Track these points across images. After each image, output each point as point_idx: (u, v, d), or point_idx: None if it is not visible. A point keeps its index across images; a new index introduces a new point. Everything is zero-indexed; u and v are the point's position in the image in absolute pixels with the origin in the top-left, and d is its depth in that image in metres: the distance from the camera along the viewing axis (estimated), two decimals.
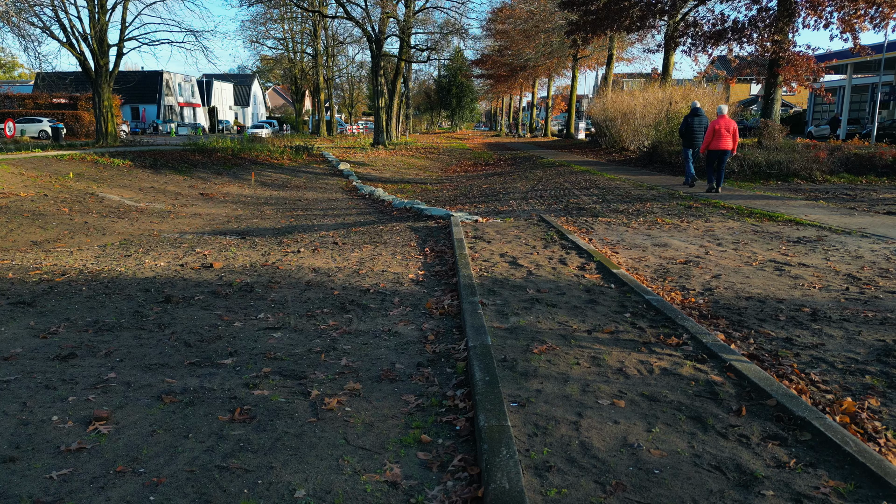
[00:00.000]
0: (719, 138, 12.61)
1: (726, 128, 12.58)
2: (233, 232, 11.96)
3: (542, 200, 13.08)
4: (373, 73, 30.29)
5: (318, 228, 11.52)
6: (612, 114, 26.63)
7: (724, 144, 12.60)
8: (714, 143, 12.69)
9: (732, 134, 12.60)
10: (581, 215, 10.65)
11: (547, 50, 39.63)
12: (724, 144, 12.60)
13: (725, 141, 12.57)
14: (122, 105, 53.45)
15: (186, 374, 3.69)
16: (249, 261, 7.02)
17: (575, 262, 6.50)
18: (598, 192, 13.67)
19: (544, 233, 8.46)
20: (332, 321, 4.70)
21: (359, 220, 12.48)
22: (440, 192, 18.21)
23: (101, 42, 28.58)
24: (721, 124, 12.61)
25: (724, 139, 12.58)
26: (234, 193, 18.01)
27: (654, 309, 4.77)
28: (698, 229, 9.01)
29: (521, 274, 6.01)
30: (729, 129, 12.59)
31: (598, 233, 8.82)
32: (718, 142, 12.62)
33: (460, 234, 8.32)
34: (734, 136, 12.64)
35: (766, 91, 19.46)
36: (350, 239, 8.76)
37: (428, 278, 6.17)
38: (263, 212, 14.95)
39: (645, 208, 11.21)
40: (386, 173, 24.14)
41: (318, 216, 13.90)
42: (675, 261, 6.91)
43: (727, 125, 12.61)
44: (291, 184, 20.36)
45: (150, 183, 17.72)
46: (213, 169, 21.14)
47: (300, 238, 9.23)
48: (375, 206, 15.23)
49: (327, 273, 6.34)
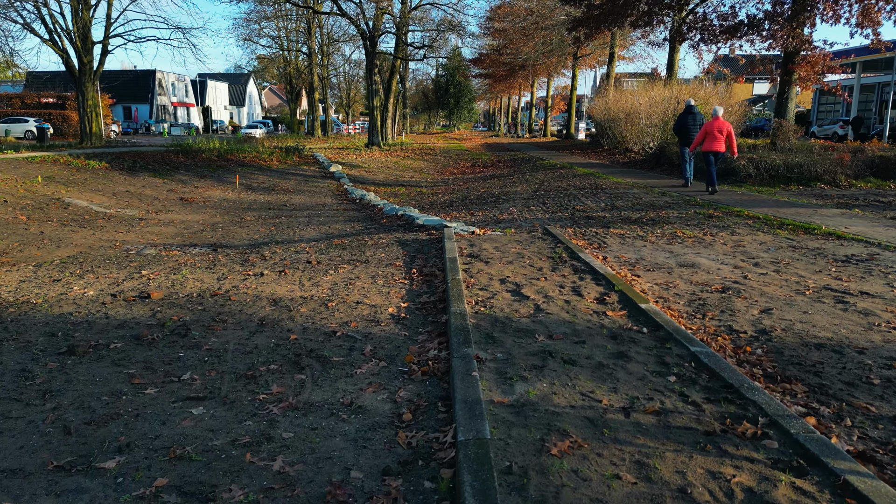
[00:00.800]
0: (712, 140, 12.22)
1: (719, 129, 12.18)
2: (204, 244, 10.75)
3: (545, 207, 11.87)
4: (367, 72, 29.04)
5: (296, 241, 10.31)
6: (614, 113, 25.44)
7: (716, 146, 12.22)
8: (706, 145, 12.32)
9: (727, 136, 12.23)
10: (590, 226, 9.44)
11: (546, 49, 38.42)
12: (716, 146, 12.22)
13: (719, 142, 12.19)
14: (114, 105, 52.22)
15: (41, 491, 2.48)
16: (199, 287, 5.81)
17: (592, 292, 5.29)
18: (606, 198, 12.46)
19: (551, 249, 7.25)
20: (276, 386, 3.49)
21: (343, 230, 11.27)
22: (435, 197, 17.00)
23: (85, 39, 27.32)
24: (715, 126, 12.18)
25: (717, 141, 12.19)
26: (216, 198, 16.79)
27: (706, 368, 3.57)
28: (726, 244, 7.80)
29: (527, 310, 4.80)
30: (723, 130, 12.19)
31: (612, 248, 7.61)
32: (711, 143, 12.24)
33: (454, 250, 7.12)
34: (729, 137, 12.27)
35: (779, 89, 18.27)
36: (327, 255, 7.56)
37: (412, 313, 4.96)
38: (243, 219, 13.74)
39: (660, 217, 10.01)
40: (380, 175, 22.93)
41: (302, 224, 12.70)
42: (710, 287, 5.71)
43: (721, 127, 12.18)
44: (278, 187, 19.14)
45: (125, 187, 16.49)
46: (196, 171, 19.90)
47: (271, 254, 8.02)
48: (365, 212, 14.04)
49: (289, 306, 5.13)
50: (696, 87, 21.08)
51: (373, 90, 28.77)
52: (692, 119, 13.66)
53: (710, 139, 12.26)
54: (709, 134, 12.26)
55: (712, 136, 12.23)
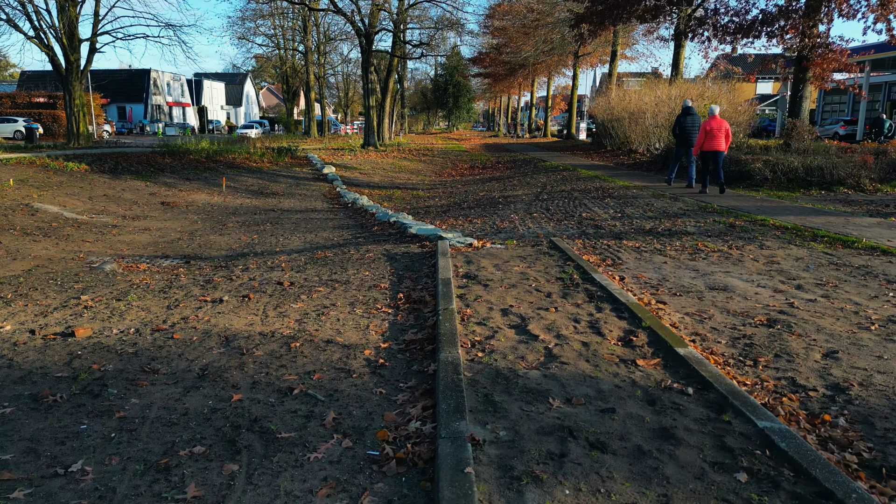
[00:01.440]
0: (712, 139, 12.03)
1: (718, 128, 12.02)
2: (177, 255, 9.78)
3: (549, 214, 10.89)
4: (363, 70, 28.04)
5: (276, 252, 9.33)
6: (618, 113, 24.47)
7: (717, 145, 12.06)
8: (707, 145, 12.15)
9: (725, 134, 12.07)
10: (600, 237, 8.46)
11: (547, 47, 37.45)
12: (717, 145, 12.06)
13: (718, 141, 12.02)
14: (108, 105, 51.23)
15: None
16: (141, 320, 4.83)
17: (614, 329, 4.31)
18: (615, 205, 11.49)
19: (560, 268, 6.27)
20: (195, 487, 2.51)
21: (330, 239, 10.29)
22: (432, 201, 16.02)
23: (72, 36, 26.33)
24: (714, 125, 12.02)
25: (717, 140, 12.02)
26: (201, 202, 15.81)
27: (787, 460, 2.59)
28: (757, 260, 6.83)
29: (536, 356, 3.82)
30: (721, 129, 12.02)
31: (629, 265, 6.64)
32: (711, 142, 12.06)
33: (448, 269, 6.13)
34: (727, 136, 12.13)
35: (793, 88, 17.30)
36: (304, 274, 6.58)
37: (393, 357, 3.99)
38: (226, 225, 12.76)
39: (676, 227, 9.03)
40: (375, 177, 21.94)
41: (288, 231, 11.72)
42: (753, 319, 4.73)
43: (720, 126, 12.02)
44: (268, 190, 18.16)
45: (104, 190, 15.50)
46: (181, 174, 18.91)
47: (242, 270, 7.05)
48: (356, 218, 13.07)
49: (242, 348, 4.15)
50: (704, 86, 20.11)
51: (369, 89, 27.77)
52: (690, 121, 13.26)
53: (711, 139, 12.00)
54: (709, 133, 12.00)
55: (712, 136, 11.98)
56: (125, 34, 27.65)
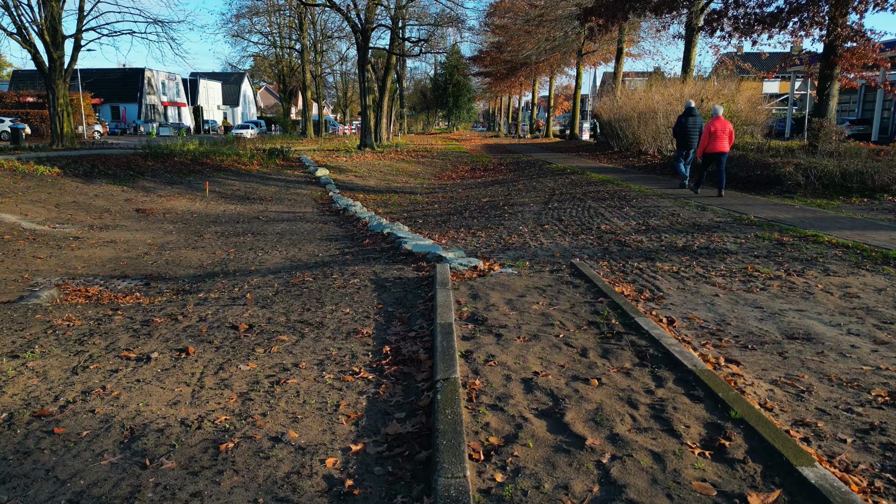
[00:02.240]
0: (716, 140, 11.57)
1: (722, 129, 11.53)
2: (137, 275, 8.44)
3: (563, 226, 9.55)
4: (359, 68, 26.65)
5: (250, 272, 7.99)
6: (626, 113, 23.13)
7: (720, 146, 11.59)
8: (711, 146, 11.66)
9: (728, 135, 11.60)
10: (628, 257, 7.12)
11: (549, 45, 36.10)
12: (720, 146, 11.59)
13: (722, 143, 11.56)
14: (102, 104, 49.89)
15: None
16: (26, 396, 3.47)
17: (692, 424, 2.95)
18: (636, 214, 10.14)
19: (590, 306, 4.92)
20: None
21: (314, 256, 8.93)
22: (431, 207, 14.68)
23: (55, 33, 24.98)
24: (717, 126, 11.52)
25: (720, 141, 11.56)
26: (180, 209, 14.45)
27: None
28: (831, 292, 5.48)
29: (587, 486, 2.47)
30: (725, 130, 11.54)
31: (674, 300, 5.29)
32: (715, 144, 11.58)
33: (449, 309, 4.78)
34: (730, 137, 11.66)
35: (819, 85, 15.96)
36: (269, 311, 5.23)
37: (368, 474, 2.64)
38: (203, 236, 11.41)
39: (714, 243, 7.69)
40: (371, 180, 20.59)
41: (269, 244, 10.38)
42: (870, 393, 3.39)
43: (723, 126, 11.53)
44: (255, 194, 16.80)
45: (74, 196, 14.15)
46: (163, 177, 17.56)
47: (197, 303, 5.70)
48: (347, 227, 11.74)
49: (143, 454, 2.79)
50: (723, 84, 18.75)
51: (365, 88, 26.39)
52: (692, 122, 12.83)
53: (714, 140, 11.57)
54: (713, 134, 11.57)
55: (716, 137, 11.54)
56: (111, 30, 26.32)
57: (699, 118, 12.86)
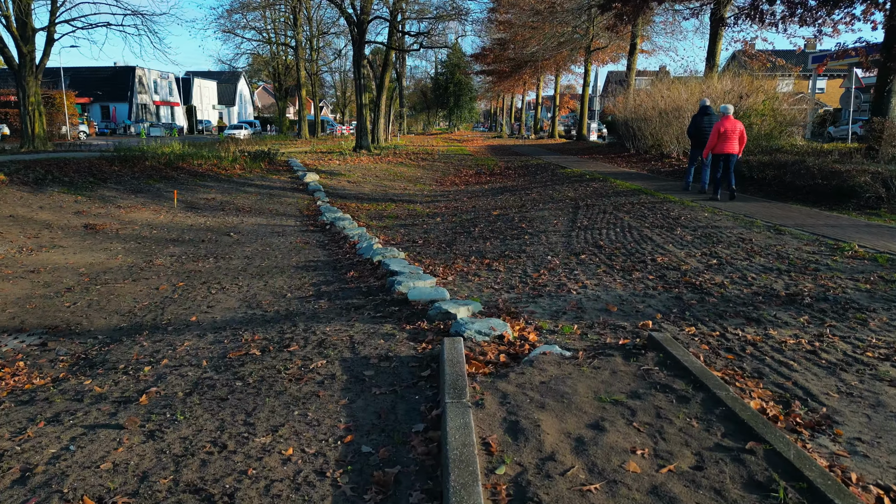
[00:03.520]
0: (725, 141, 10.69)
1: (733, 129, 10.67)
2: (39, 327, 6.22)
3: (606, 256, 7.28)
4: (354, 64, 24.34)
5: (183, 329, 5.71)
6: (645, 112, 20.84)
7: (730, 148, 10.73)
8: (720, 147, 10.76)
9: (739, 136, 10.74)
10: (719, 315, 4.84)
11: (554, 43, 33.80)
12: (730, 148, 10.73)
13: (732, 144, 10.71)
14: (91, 104, 47.58)
15: None
16: None
17: None
18: (694, 239, 7.86)
19: (728, 456, 2.63)
20: None
21: (278, 297, 6.65)
22: (432, 221, 12.40)
23: (24, 25, 22.71)
24: (727, 126, 10.65)
25: (730, 142, 10.69)
26: (141, 222, 12.17)
27: None
28: None
29: None
30: (736, 130, 10.68)
31: (848, 422, 3.02)
32: (724, 145, 10.71)
33: (471, 476, 2.50)
34: (741, 138, 10.79)
35: (879, 80, 13.68)
36: (155, 448, 2.96)
37: None
38: (154, 261, 9.15)
39: (828, 290, 5.40)
40: (365, 187, 18.31)
41: (231, 274, 8.12)
42: None
43: (734, 127, 10.66)
44: (232, 204, 14.52)
45: (13, 209, 11.87)
46: (129, 184, 15.27)
47: (53, 424, 3.46)
48: (330, 250, 9.50)
49: None
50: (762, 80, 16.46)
51: (361, 85, 24.07)
52: (708, 121, 11.99)
53: (724, 140, 10.68)
54: (722, 135, 10.67)
55: (726, 137, 10.67)
56: (87, 23, 24.00)
57: (715, 117, 11.81)
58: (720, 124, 10.77)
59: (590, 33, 32.86)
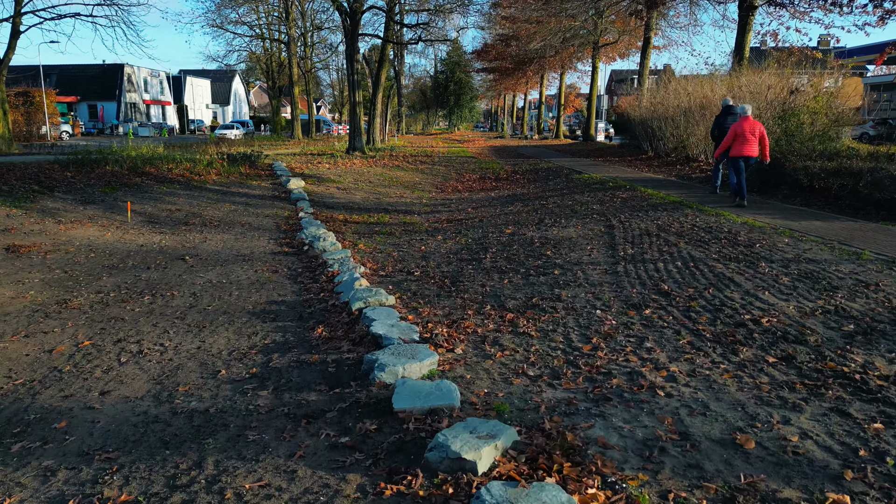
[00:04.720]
0: (743, 143, 9.90)
1: (751, 131, 9.88)
2: None
3: (677, 310, 5.05)
4: (347, 59, 22.10)
5: (41, 447, 3.43)
6: (666, 111, 18.63)
7: (748, 150, 9.93)
8: (736, 149, 9.98)
9: (759, 138, 9.92)
10: None
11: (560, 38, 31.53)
12: (748, 150, 9.93)
13: (751, 146, 9.91)
14: (79, 102, 45.29)
15: None
16: None
17: None
18: (794, 281, 5.63)
19: None
20: None
21: (210, 374, 4.39)
22: (432, 241, 10.16)
23: None
24: (745, 127, 9.89)
25: (749, 144, 9.89)
26: (80, 242, 9.92)
27: None
28: None
29: None
30: (755, 132, 9.89)
31: None
32: (742, 147, 9.92)
33: None
34: (761, 139, 9.95)
35: None
36: None
37: None
38: (69, 302, 6.90)
39: None
40: (357, 194, 16.08)
41: (162, 326, 5.88)
42: None
43: (752, 128, 9.88)
44: (199, 217, 12.27)
45: None
46: (81, 194, 13.02)
47: None
48: (301, 283, 7.29)
49: None
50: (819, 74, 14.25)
51: (355, 81, 21.81)
52: (731, 121, 11.25)
53: (742, 143, 9.92)
54: (738, 136, 9.93)
55: (742, 139, 9.92)
56: (55, 13, 21.73)
57: (739, 116, 10.59)
58: (738, 125, 9.99)
59: (598, 28, 30.63)
